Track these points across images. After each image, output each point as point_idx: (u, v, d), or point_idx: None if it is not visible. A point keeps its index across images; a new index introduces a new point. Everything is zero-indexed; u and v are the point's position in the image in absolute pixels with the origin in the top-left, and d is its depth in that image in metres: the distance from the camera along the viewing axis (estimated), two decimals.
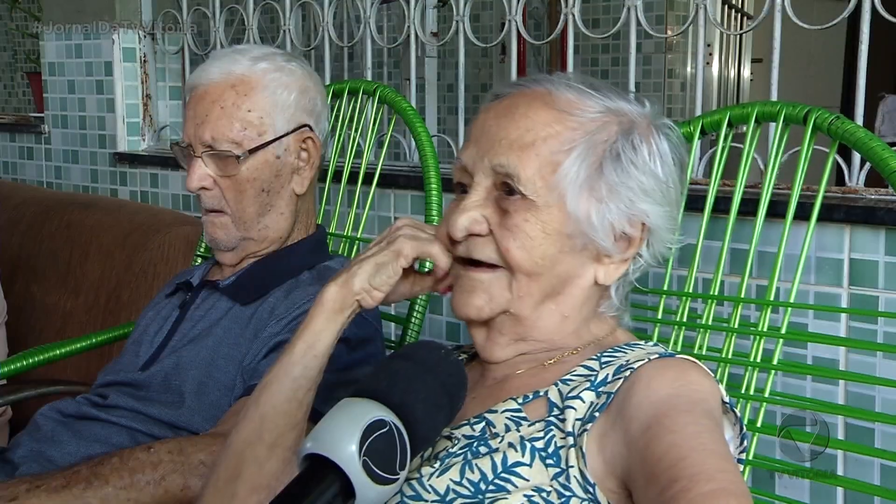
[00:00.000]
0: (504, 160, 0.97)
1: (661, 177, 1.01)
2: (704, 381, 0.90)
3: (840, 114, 1.20)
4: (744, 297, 1.26)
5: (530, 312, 1.00)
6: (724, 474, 0.75)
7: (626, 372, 0.91)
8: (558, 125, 0.98)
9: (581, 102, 1.00)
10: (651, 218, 1.00)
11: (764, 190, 1.27)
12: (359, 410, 0.77)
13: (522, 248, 0.96)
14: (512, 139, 0.97)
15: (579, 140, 0.98)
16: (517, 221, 0.96)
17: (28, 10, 3.97)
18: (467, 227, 0.98)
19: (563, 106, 0.99)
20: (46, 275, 2.25)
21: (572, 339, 1.02)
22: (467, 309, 1.00)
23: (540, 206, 0.96)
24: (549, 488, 0.86)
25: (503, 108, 1.01)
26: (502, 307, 0.99)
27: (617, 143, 0.99)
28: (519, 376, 1.01)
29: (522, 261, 0.97)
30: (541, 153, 0.97)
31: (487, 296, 0.99)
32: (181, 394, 1.35)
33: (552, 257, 0.97)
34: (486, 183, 0.99)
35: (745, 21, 4.35)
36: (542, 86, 1.01)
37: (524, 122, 0.98)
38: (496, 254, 0.98)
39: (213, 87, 1.42)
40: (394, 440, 0.77)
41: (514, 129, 0.98)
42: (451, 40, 1.98)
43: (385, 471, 0.75)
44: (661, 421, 0.82)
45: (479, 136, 1.01)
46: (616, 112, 1.01)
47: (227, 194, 1.43)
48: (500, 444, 0.91)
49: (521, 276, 0.98)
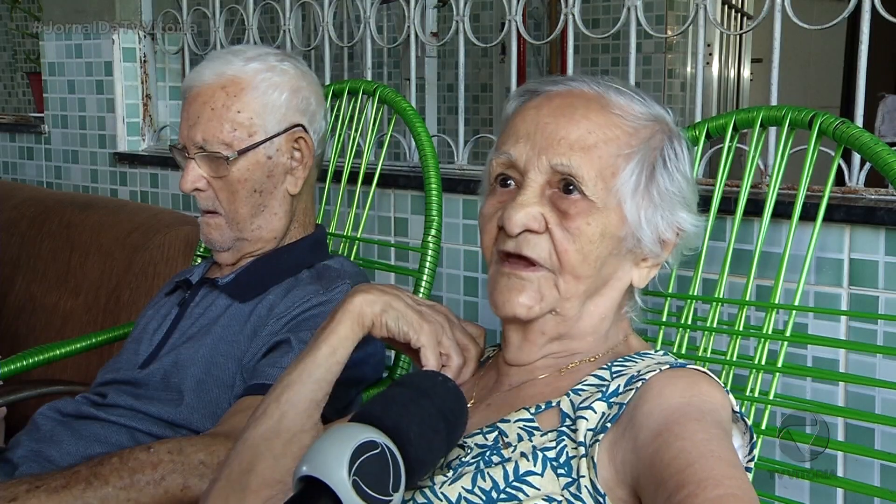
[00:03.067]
0: (566, 160, 0.96)
1: (691, 180, 1.05)
2: (715, 391, 0.90)
3: (845, 118, 1.21)
4: (749, 300, 1.26)
5: (575, 312, 1.00)
6: (733, 480, 0.75)
7: (637, 383, 0.91)
8: (617, 129, 0.99)
9: (631, 108, 1.01)
10: (685, 224, 1.03)
11: (769, 193, 1.27)
12: (350, 432, 0.78)
13: (580, 252, 0.97)
14: (573, 139, 0.97)
15: (637, 146, 0.99)
16: (579, 224, 0.96)
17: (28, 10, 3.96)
18: (525, 224, 0.97)
19: (618, 111, 1.00)
20: (46, 275, 2.25)
21: (600, 342, 1.03)
22: (516, 308, 0.98)
23: (600, 208, 0.97)
24: (559, 498, 0.87)
25: (557, 106, 1.00)
26: (551, 307, 0.99)
27: (665, 151, 1.02)
28: (534, 383, 1.02)
29: (577, 263, 0.97)
30: (602, 156, 0.97)
31: (538, 295, 0.98)
32: (180, 391, 1.35)
33: (603, 259, 0.98)
34: (541, 180, 0.98)
35: (745, 21, 4.34)
36: (591, 87, 1.02)
37: (585, 123, 0.98)
38: (548, 253, 0.97)
39: (205, 88, 1.42)
40: (386, 462, 0.77)
41: (575, 130, 0.98)
42: (451, 40, 1.98)
43: (377, 492, 0.75)
44: (670, 428, 0.82)
45: (532, 133, 0.99)
46: (658, 119, 1.03)
47: (220, 195, 1.43)
48: (513, 453, 0.91)
49: (569, 277, 0.98)
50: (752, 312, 1.39)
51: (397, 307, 1.01)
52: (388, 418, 0.80)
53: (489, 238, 1.02)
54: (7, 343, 2.23)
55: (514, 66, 1.89)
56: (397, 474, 0.78)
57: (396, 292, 1.03)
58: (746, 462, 0.94)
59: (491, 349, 1.18)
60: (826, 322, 1.37)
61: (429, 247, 1.56)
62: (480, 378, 1.10)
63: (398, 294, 1.03)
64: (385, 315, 1.01)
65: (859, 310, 1.34)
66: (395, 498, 0.77)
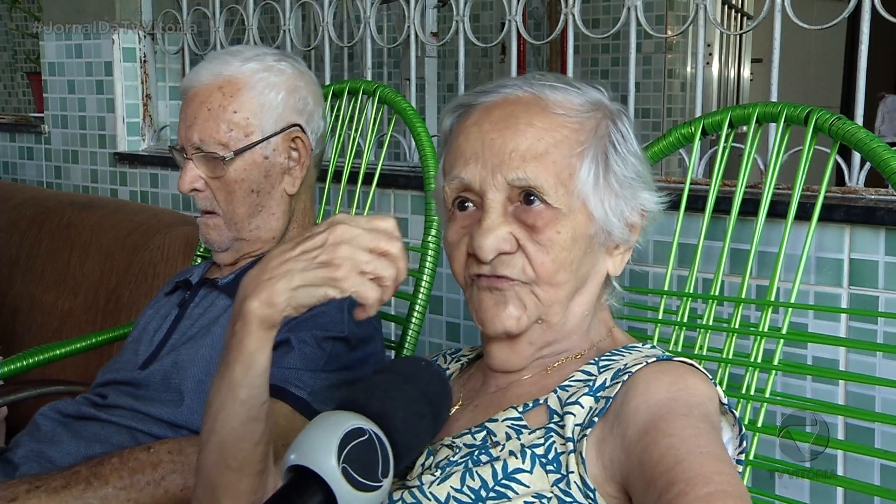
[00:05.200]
0: (521, 173, 0.94)
1: (642, 156, 1.03)
2: (701, 384, 0.90)
3: (841, 114, 1.21)
4: (744, 298, 1.26)
5: (561, 317, 0.99)
6: (722, 476, 0.75)
7: (623, 376, 0.91)
8: (564, 129, 0.97)
9: (569, 101, 0.99)
10: (648, 204, 1.02)
11: (765, 191, 1.27)
12: (337, 420, 0.78)
13: (556, 261, 0.95)
14: (523, 150, 0.95)
15: (586, 141, 0.97)
16: (549, 235, 0.95)
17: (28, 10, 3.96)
18: (496, 248, 0.95)
19: (558, 109, 0.98)
20: (46, 275, 2.25)
21: (584, 338, 1.03)
22: (505, 322, 0.97)
23: (566, 213, 0.96)
24: (549, 494, 0.86)
25: (498, 119, 0.97)
26: (536, 316, 0.98)
27: (612, 136, 1.00)
28: (521, 383, 1.01)
29: (554, 272, 0.96)
30: (556, 160, 0.95)
31: (522, 305, 0.97)
32: (181, 392, 1.35)
33: (578, 261, 0.98)
34: (501, 198, 0.96)
35: (745, 21, 4.34)
36: (524, 90, 0.99)
37: (531, 130, 0.96)
38: (522, 269, 0.96)
39: (203, 89, 1.42)
40: (374, 448, 0.77)
41: (523, 139, 0.95)
42: (451, 40, 1.98)
43: (366, 478, 0.76)
44: (658, 425, 0.82)
45: (479, 151, 0.97)
46: (597, 104, 1.01)
47: (218, 196, 1.43)
48: (501, 452, 0.91)
49: (545, 286, 0.96)
50: (752, 312, 1.39)
51: (297, 283, 0.85)
52: (373, 405, 0.80)
53: (459, 265, 1.00)
54: (4, 343, 2.23)
55: (514, 66, 1.89)
56: (386, 460, 0.78)
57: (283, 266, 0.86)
58: (737, 455, 0.93)
59: (473, 351, 1.18)
60: (826, 322, 1.37)
61: (429, 247, 1.56)
62: (467, 380, 1.09)
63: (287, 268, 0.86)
64: (293, 301, 0.86)
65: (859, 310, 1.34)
66: (384, 483, 0.78)
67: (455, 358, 1.17)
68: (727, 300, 1.31)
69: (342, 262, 0.85)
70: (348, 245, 0.85)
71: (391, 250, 0.87)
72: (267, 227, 1.46)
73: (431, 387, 0.87)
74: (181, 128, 1.44)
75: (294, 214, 1.50)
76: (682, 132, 1.35)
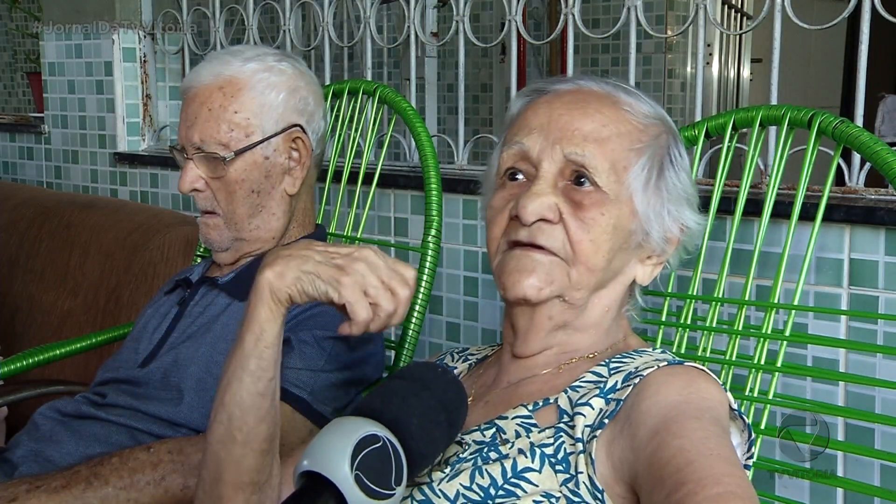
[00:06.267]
0: (580, 150, 0.98)
1: (692, 181, 1.07)
2: (712, 388, 0.90)
3: (844, 117, 1.21)
4: (748, 300, 1.26)
5: (583, 302, 1.01)
6: (732, 478, 0.75)
7: (635, 379, 0.91)
8: (628, 125, 1.01)
9: (640, 107, 1.03)
10: (689, 222, 1.05)
11: (768, 192, 1.27)
12: (351, 426, 0.78)
13: (594, 242, 0.98)
14: (587, 131, 0.99)
15: (647, 142, 1.01)
16: (593, 215, 0.97)
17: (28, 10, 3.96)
18: (540, 213, 0.97)
19: (628, 107, 1.02)
20: (45, 275, 2.25)
21: (601, 338, 1.04)
22: (525, 289, 0.98)
23: (612, 200, 0.98)
24: (558, 494, 0.87)
25: (569, 101, 1.02)
26: (559, 292, 0.99)
27: (671, 150, 1.04)
28: (533, 380, 1.02)
29: (591, 254, 0.98)
30: (615, 149, 0.99)
31: (549, 278, 0.98)
32: (180, 390, 1.35)
33: (614, 252, 1.00)
34: (554, 170, 0.99)
35: (745, 21, 4.34)
36: (599, 86, 1.04)
37: (598, 116, 1.00)
38: (562, 243, 0.98)
39: (203, 89, 1.42)
40: (388, 455, 0.77)
41: (589, 122, 0.99)
42: (451, 40, 1.98)
43: (379, 486, 0.75)
44: (668, 426, 0.82)
45: (545, 124, 1.00)
46: (662, 119, 1.06)
47: (219, 196, 1.43)
48: (511, 450, 0.91)
49: (582, 268, 0.98)
50: (753, 313, 1.39)
51: (309, 269, 0.91)
52: (388, 411, 0.80)
53: (499, 229, 1.02)
54: (4, 343, 2.23)
55: (514, 67, 1.89)
56: (399, 468, 0.78)
57: (306, 252, 0.93)
58: (745, 460, 0.94)
59: (490, 348, 1.18)
60: (826, 322, 1.37)
61: (429, 247, 1.56)
62: (479, 376, 1.10)
63: (307, 254, 0.93)
64: (299, 283, 0.91)
65: (859, 310, 1.34)
66: (397, 491, 0.77)
67: (462, 357, 1.18)
68: (731, 302, 1.31)
69: (352, 273, 0.90)
70: (367, 266, 0.91)
71: (399, 293, 0.92)
72: (267, 227, 1.46)
73: (448, 394, 0.87)
74: (181, 128, 1.44)
75: (294, 214, 1.50)
76: (685, 135, 1.35)
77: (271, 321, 0.93)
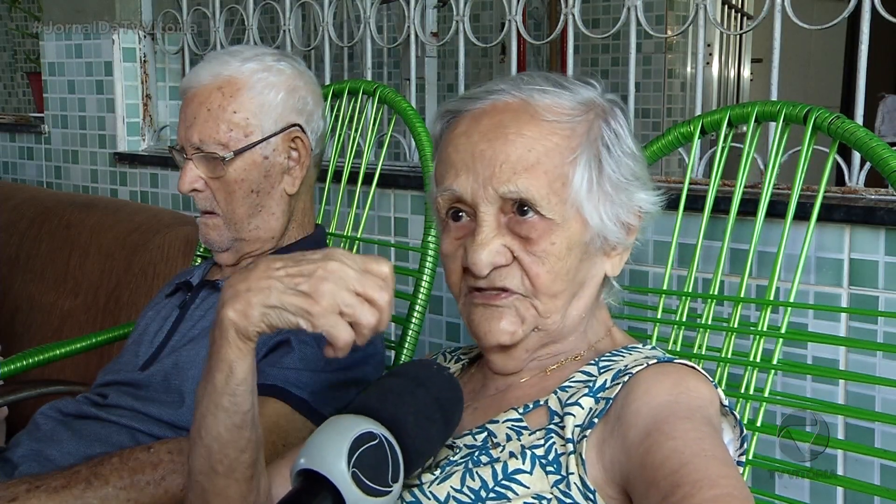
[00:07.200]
0: (513, 186, 0.93)
1: (638, 154, 1.02)
2: (703, 386, 0.90)
3: (840, 113, 1.20)
4: (743, 297, 1.26)
5: (559, 324, 0.99)
6: (728, 479, 0.75)
7: (624, 377, 0.91)
8: (555, 137, 0.95)
9: (559, 105, 0.97)
10: (645, 205, 1.01)
11: (764, 190, 1.26)
12: (347, 424, 0.78)
13: (551, 272, 0.95)
14: (514, 161, 0.93)
15: (578, 146, 0.96)
16: (544, 246, 0.94)
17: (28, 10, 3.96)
18: (491, 262, 0.94)
19: (548, 115, 0.96)
20: (45, 275, 2.25)
21: (581, 338, 1.03)
22: (500, 336, 0.97)
23: (560, 223, 0.95)
24: (549, 495, 0.87)
25: (487, 128, 0.95)
26: (533, 326, 0.98)
27: (605, 137, 0.98)
28: (521, 385, 1.01)
29: (550, 283, 0.95)
30: (548, 170, 0.94)
31: (518, 318, 0.97)
32: (181, 393, 1.35)
33: (575, 269, 0.97)
34: (493, 210, 0.95)
35: (745, 21, 4.34)
36: (513, 96, 0.97)
37: (521, 140, 0.94)
38: (520, 280, 0.96)
39: (202, 89, 1.42)
40: (384, 452, 0.77)
41: (513, 150, 0.94)
42: (451, 40, 1.98)
43: (376, 483, 0.76)
44: (660, 427, 0.82)
45: (469, 163, 0.95)
46: (587, 103, 0.99)
47: (218, 196, 1.43)
48: (501, 453, 0.91)
49: (544, 298, 0.96)
50: (751, 312, 1.39)
51: (273, 303, 0.84)
52: (384, 409, 0.80)
53: (456, 276, 0.99)
54: (4, 343, 2.23)
55: (514, 66, 1.89)
56: (396, 465, 0.78)
57: (266, 281, 0.84)
58: (738, 456, 0.93)
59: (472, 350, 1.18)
60: (826, 322, 1.37)
61: (429, 247, 1.56)
62: (466, 383, 1.09)
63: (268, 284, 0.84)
64: (266, 318, 0.84)
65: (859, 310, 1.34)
66: (394, 488, 0.77)
67: (455, 357, 1.17)
68: (726, 299, 1.31)
69: (321, 298, 0.82)
70: (335, 282, 0.83)
71: (378, 299, 0.84)
72: (267, 228, 1.46)
73: (444, 392, 0.87)
74: (181, 128, 1.44)
75: (294, 214, 1.50)
76: (681, 131, 1.35)
77: (240, 359, 0.87)
